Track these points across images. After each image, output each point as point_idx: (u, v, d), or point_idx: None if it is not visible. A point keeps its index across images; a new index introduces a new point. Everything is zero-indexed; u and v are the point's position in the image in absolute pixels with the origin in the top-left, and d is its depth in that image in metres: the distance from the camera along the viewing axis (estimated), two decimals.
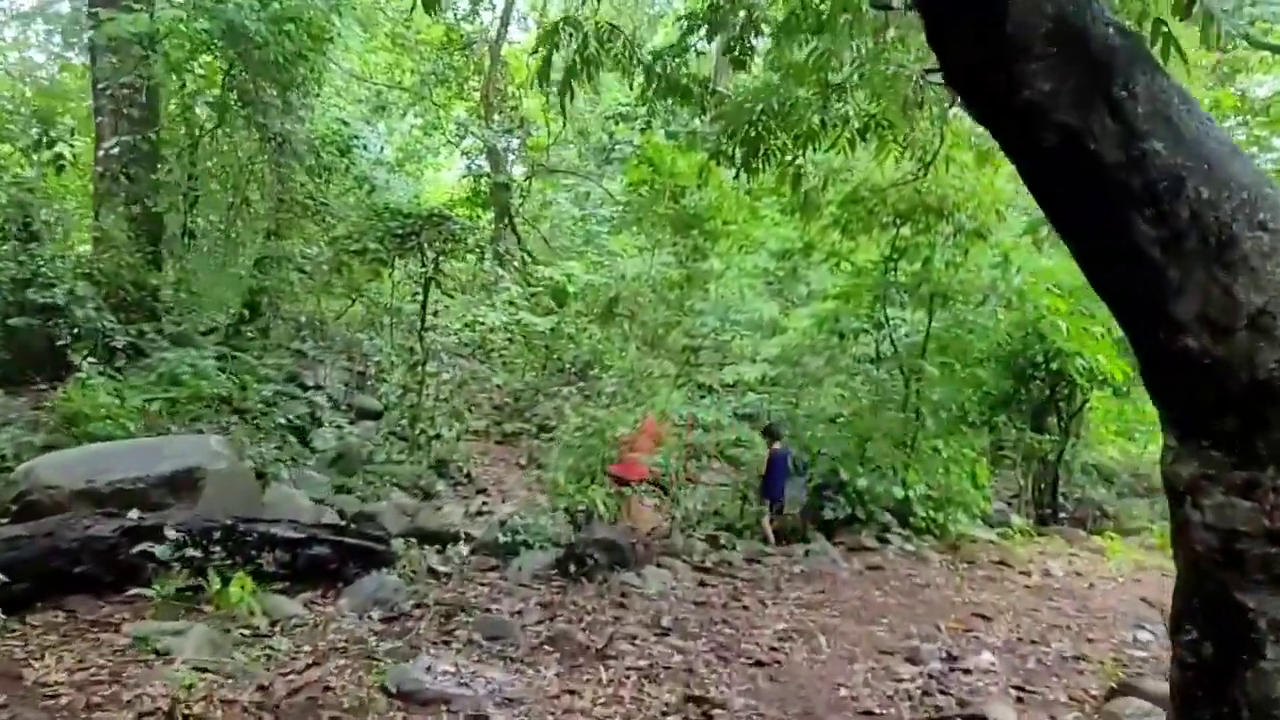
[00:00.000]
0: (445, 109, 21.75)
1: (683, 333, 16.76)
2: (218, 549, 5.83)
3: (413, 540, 6.97)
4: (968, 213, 11.33)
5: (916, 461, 11.13)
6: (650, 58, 9.20)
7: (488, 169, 21.19)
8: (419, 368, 10.78)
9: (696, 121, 14.62)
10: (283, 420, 11.78)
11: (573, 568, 6.60)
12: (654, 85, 8.96)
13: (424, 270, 10.68)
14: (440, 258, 10.74)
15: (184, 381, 7.99)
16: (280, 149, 13.51)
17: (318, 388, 14.40)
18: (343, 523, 7.05)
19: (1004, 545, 10.55)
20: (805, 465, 10.91)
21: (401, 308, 11.69)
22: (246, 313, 13.10)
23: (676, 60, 9.10)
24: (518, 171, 22.19)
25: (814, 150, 6.27)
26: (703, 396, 19.25)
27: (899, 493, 10.33)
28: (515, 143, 21.42)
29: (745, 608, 6.62)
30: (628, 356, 15.93)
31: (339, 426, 12.75)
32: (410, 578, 6.27)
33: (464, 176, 20.90)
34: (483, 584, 6.58)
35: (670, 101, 9.21)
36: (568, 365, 18.34)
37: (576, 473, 7.50)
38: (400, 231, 10.44)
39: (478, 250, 11.98)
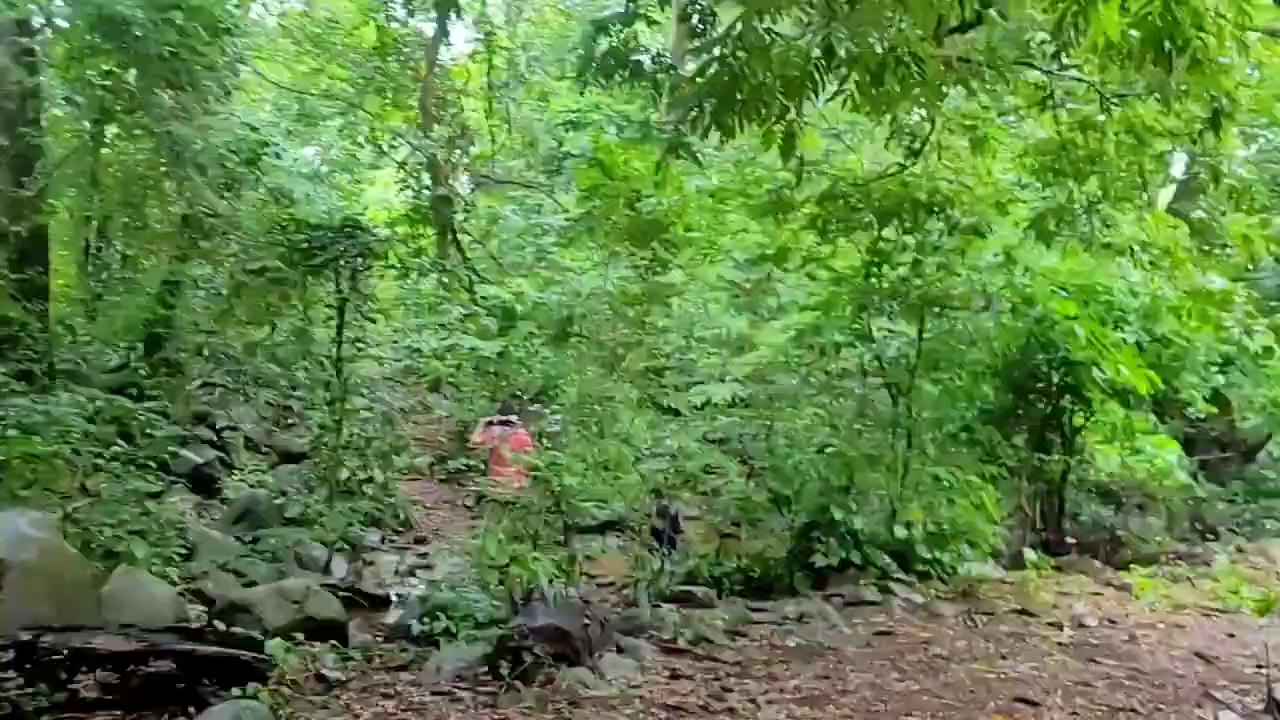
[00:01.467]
0: (380, 118, 20.19)
1: (644, 353, 15.29)
2: (10, 675, 4.24)
3: (298, 637, 5.38)
4: (963, 208, 9.98)
5: (914, 492, 9.70)
6: (591, 28, 7.76)
7: (428, 182, 19.64)
8: (337, 403, 9.16)
9: (651, 112, 13.27)
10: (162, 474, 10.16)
11: (507, 667, 5.05)
12: (594, 63, 7.53)
13: (338, 292, 9.07)
14: (356, 276, 9.14)
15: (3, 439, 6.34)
16: (178, 159, 11.89)
17: (231, 428, 12.74)
18: (201, 623, 5.44)
19: (1020, 586, 9.13)
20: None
21: (313, 334, 10.05)
22: (141, 346, 11.44)
23: (623, 31, 7.67)
24: (464, 185, 20.66)
25: (811, 97, 4.80)
26: (668, 420, 17.87)
27: (900, 532, 8.88)
28: (459, 155, 19.88)
29: (731, 710, 5.10)
30: (583, 381, 14.42)
31: (253, 472, 11.12)
32: (287, 695, 4.69)
33: (401, 190, 19.32)
34: (386, 694, 5.00)
35: (617, 81, 7.77)
36: (520, 392, 16.80)
37: (513, 535, 5.97)
38: (305, 247, 8.84)
39: (403, 268, 10.41)
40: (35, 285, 11.26)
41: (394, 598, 9.05)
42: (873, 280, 10.66)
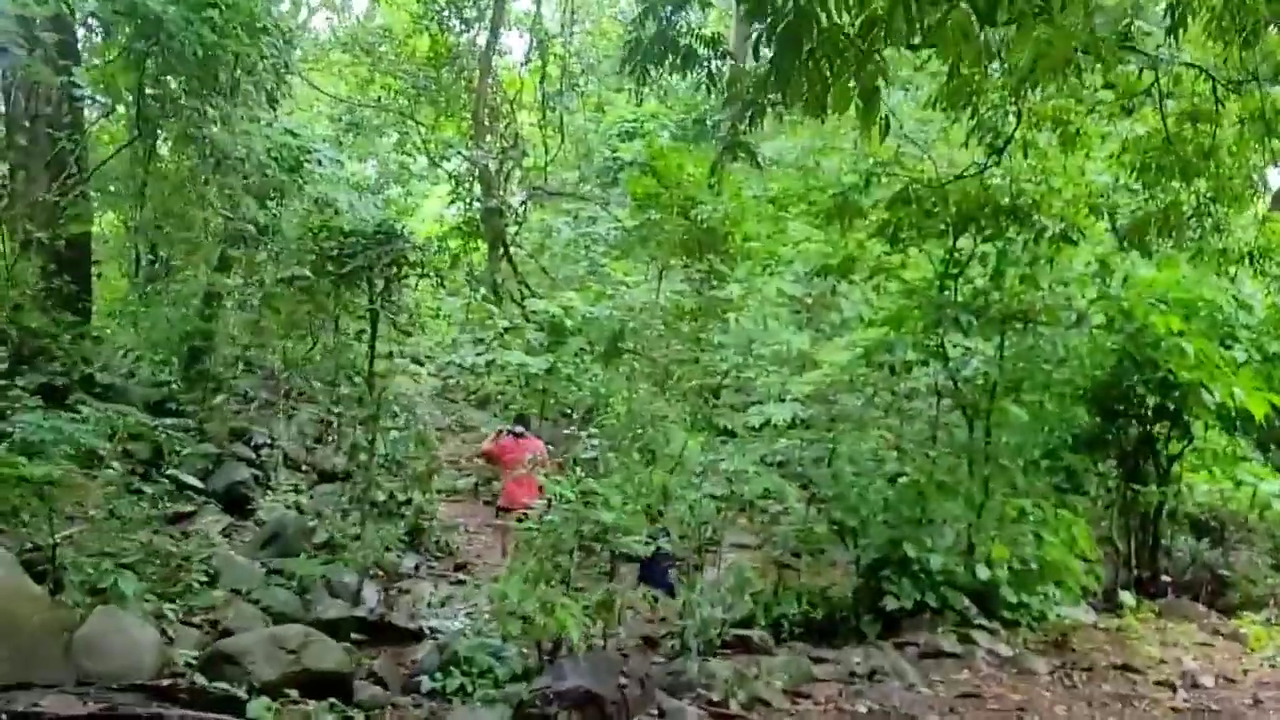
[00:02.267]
0: (433, 129, 19.74)
1: (699, 370, 14.50)
2: None
3: (291, 693, 4.67)
4: (1050, 212, 9.07)
5: (995, 525, 8.77)
6: (639, 9, 7.04)
7: (479, 194, 19.13)
8: (370, 421, 8.53)
9: (705, 109, 12.54)
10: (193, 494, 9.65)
11: None
12: (641, 49, 6.80)
13: (371, 303, 8.44)
14: (390, 286, 8.51)
15: None
16: (217, 166, 11.45)
17: (270, 445, 12.21)
18: (174, 678, 4.74)
19: (1118, 635, 8.14)
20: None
21: (348, 348, 9.44)
22: (178, 360, 10.97)
23: (675, 12, 6.95)
24: (517, 197, 20.11)
25: (896, 46, 3.94)
26: (724, 441, 17.04)
27: (982, 572, 7.96)
28: (511, 165, 19.34)
29: None
30: (633, 399, 13.68)
31: (289, 492, 10.54)
32: None
33: (451, 202, 18.81)
34: None
35: (667, 71, 7.04)
36: (570, 410, 16.12)
37: (538, 576, 5.20)
38: (335, 254, 8.24)
39: (438, 277, 9.76)
40: (66, 295, 10.84)
41: (426, 631, 8.42)
42: (947, 293, 9.78)
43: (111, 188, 12.14)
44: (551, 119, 19.39)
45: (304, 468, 12.45)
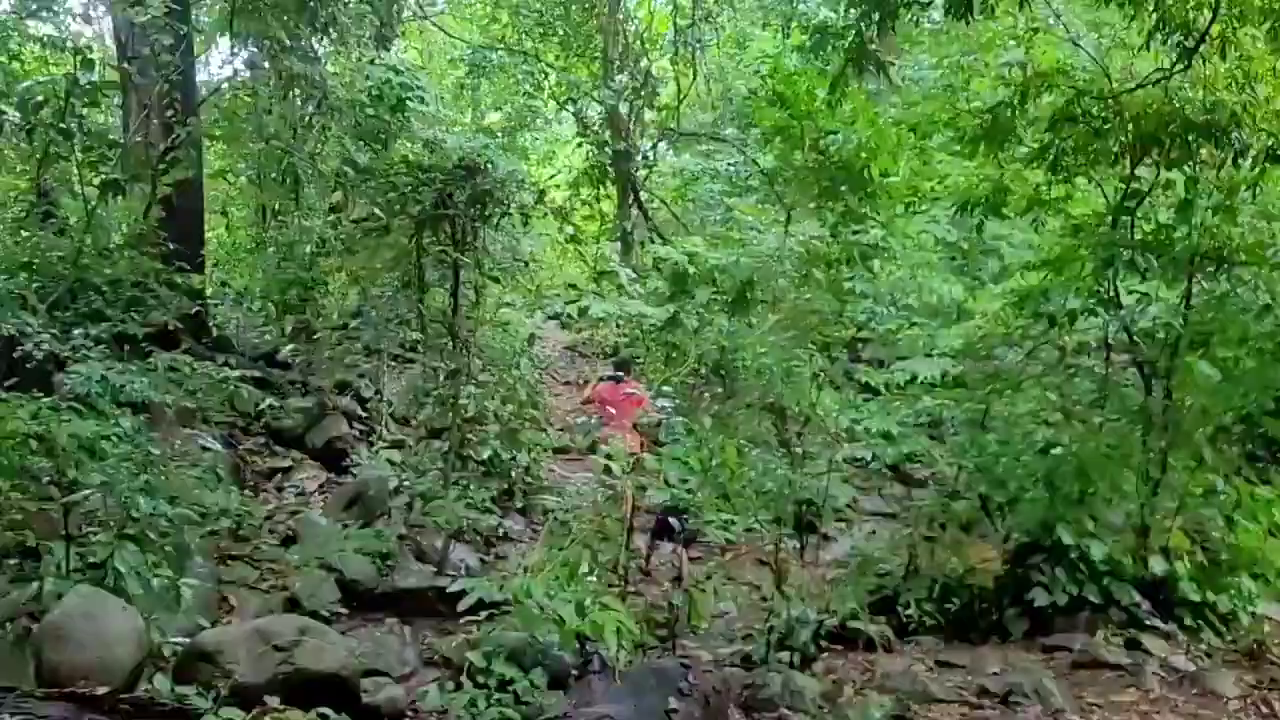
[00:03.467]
0: (563, 69, 18.86)
1: (837, 321, 13.24)
2: None
3: (272, 701, 3.93)
4: (1254, 128, 7.41)
5: (1176, 507, 7.33)
6: None
7: (608, 137, 18.23)
8: (455, 376, 7.82)
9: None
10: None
11: None
12: None
13: (454, 245, 7.68)
14: (476, 228, 7.72)
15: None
16: (319, 107, 10.96)
17: (378, 396, 11.78)
18: (148, 679, 4.03)
19: None
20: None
21: (431, 296, 8.71)
22: (281, 310, 10.60)
23: None
24: (648, 140, 19.11)
25: None
26: (867, 399, 15.73)
27: (1158, 567, 6.59)
28: (642, 106, 18.32)
29: None
30: (761, 353, 12.55)
31: (389, 448, 10.02)
32: None
33: (579, 145, 17.96)
34: None
35: None
36: (697, 365, 15.13)
37: (573, 571, 4.27)
38: (408, 190, 7.48)
39: (541, 214, 8.89)
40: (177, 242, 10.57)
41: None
42: (1122, 229, 8.25)
43: (218, 132, 11.82)
44: (684, 55, 18.20)
45: (413, 423, 12.00)
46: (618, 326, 15.48)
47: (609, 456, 10.22)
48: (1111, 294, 8.28)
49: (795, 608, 5.67)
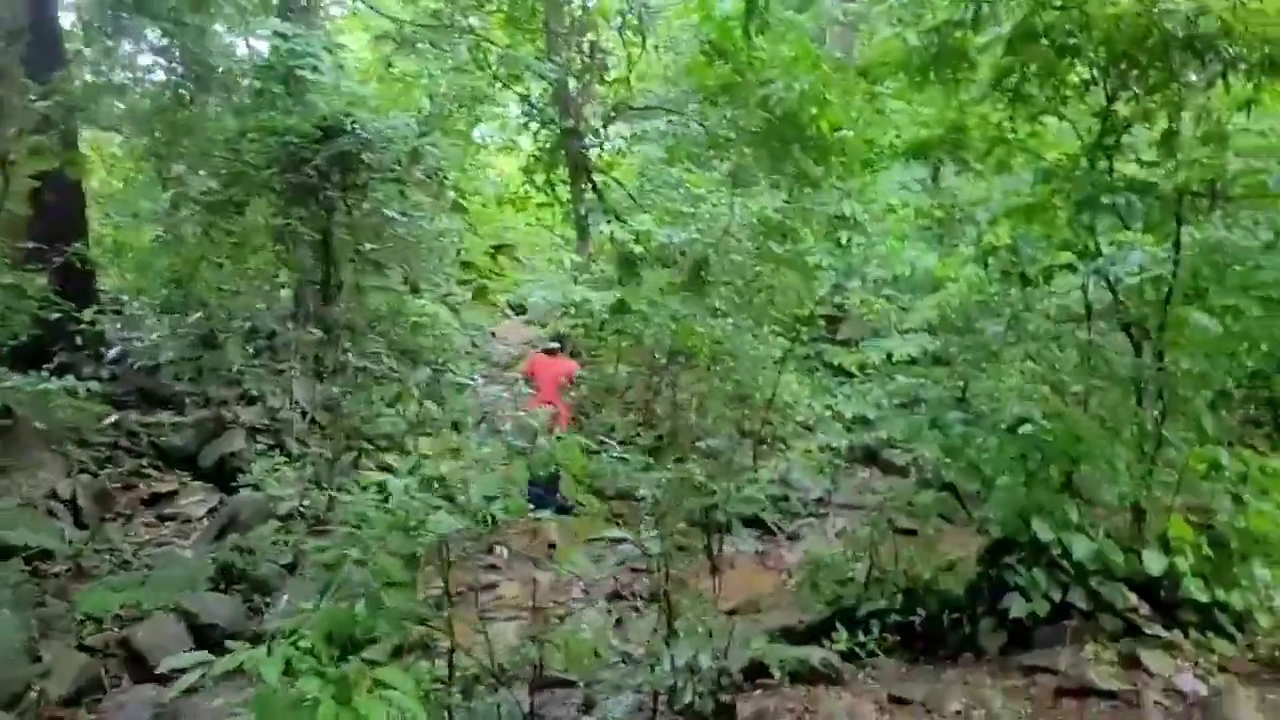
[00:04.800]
0: (512, 45, 17.63)
1: (800, 299, 12.12)
2: None
3: None
4: (1247, 39, 6.29)
5: (1171, 485, 6.24)
6: None
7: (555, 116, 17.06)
8: (333, 376, 6.71)
9: None
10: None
11: None
12: None
13: (324, 218, 6.55)
14: (347, 200, 6.58)
15: None
16: (198, 81, 9.83)
17: (293, 407, 10.63)
18: None
19: None
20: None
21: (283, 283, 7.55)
22: (158, 312, 9.44)
23: None
24: (599, 116, 17.91)
25: None
26: (841, 383, 14.64)
27: (1155, 563, 5.48)
28: (589, 81, 17.17)
29: None
30: (717, 336, 11.44)
31: (277, 466, 8.90)
32: None
33: (523, 126, 16.79)
34: None
35: None
36: (654, 354, 14.00)
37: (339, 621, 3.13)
38: (267, 158, 6.35)
39: (436, 182, 7.75)
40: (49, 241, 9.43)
41: None
42: (1100, 172, 7.15)
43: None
44: (633, 24, 17.02)
45: (327, 432, 10.89)
46: (571, 315, 14.38)
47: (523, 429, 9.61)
48: (1089, 244, 7.18)
49: (694, 647, 4.52)
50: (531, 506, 6.88)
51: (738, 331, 11.85)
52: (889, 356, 13.38)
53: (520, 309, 21.11)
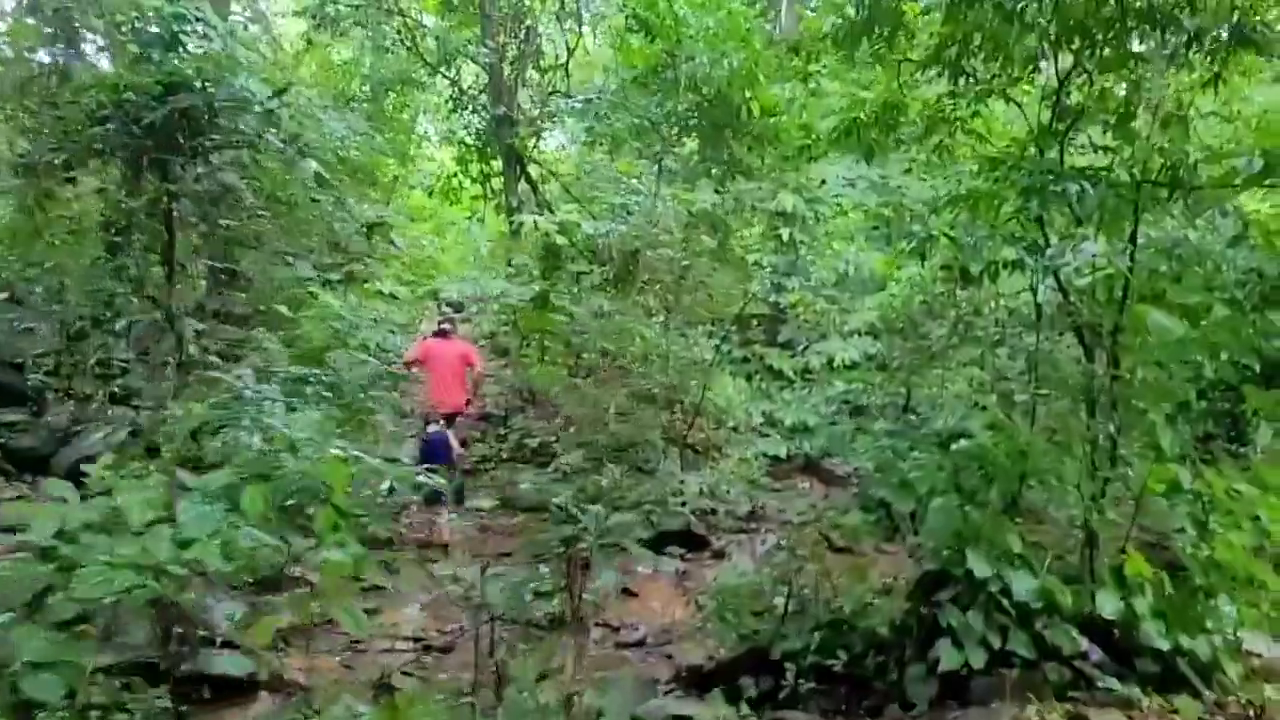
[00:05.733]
0: (451, 28, 16.68)
1: (723, 298, 11.33)
2: None
3: None
4: (1215, 9, 5.59)
5: (1123, 509, 5.51)
6: None
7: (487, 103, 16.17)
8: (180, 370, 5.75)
9: None
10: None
11: None
12: None
13: (165, 187, 5.59)
14: (199, 165, 5.63)
15: None
16: (69, 43, 8.83)
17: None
18: None
19: None
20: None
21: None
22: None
23: None
24: (533, 104, 17.05)
25: None
26: (781, 388, 13.89)
27: (1109, 606, 4.72)
28: (521, 69, 16.30)
29: None
30: (643, 336, 10.62)
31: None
32: None
33: (450, 113, 15.87)
34: None
35: None
36: (580, 356, 13.13)
37: None
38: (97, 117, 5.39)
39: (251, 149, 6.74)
40: None
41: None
42: (1048, 154, 6.43)
43: None
44: (570, 10, 16.20)
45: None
46: (494, 311, 13.49)
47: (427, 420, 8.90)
48: (1036, 238, 6.46)
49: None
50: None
51: (668, 331, 11.07)
52: (830, 361, 12.69)
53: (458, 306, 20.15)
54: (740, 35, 8.22)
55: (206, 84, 5.61)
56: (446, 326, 9.80)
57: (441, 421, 9.01)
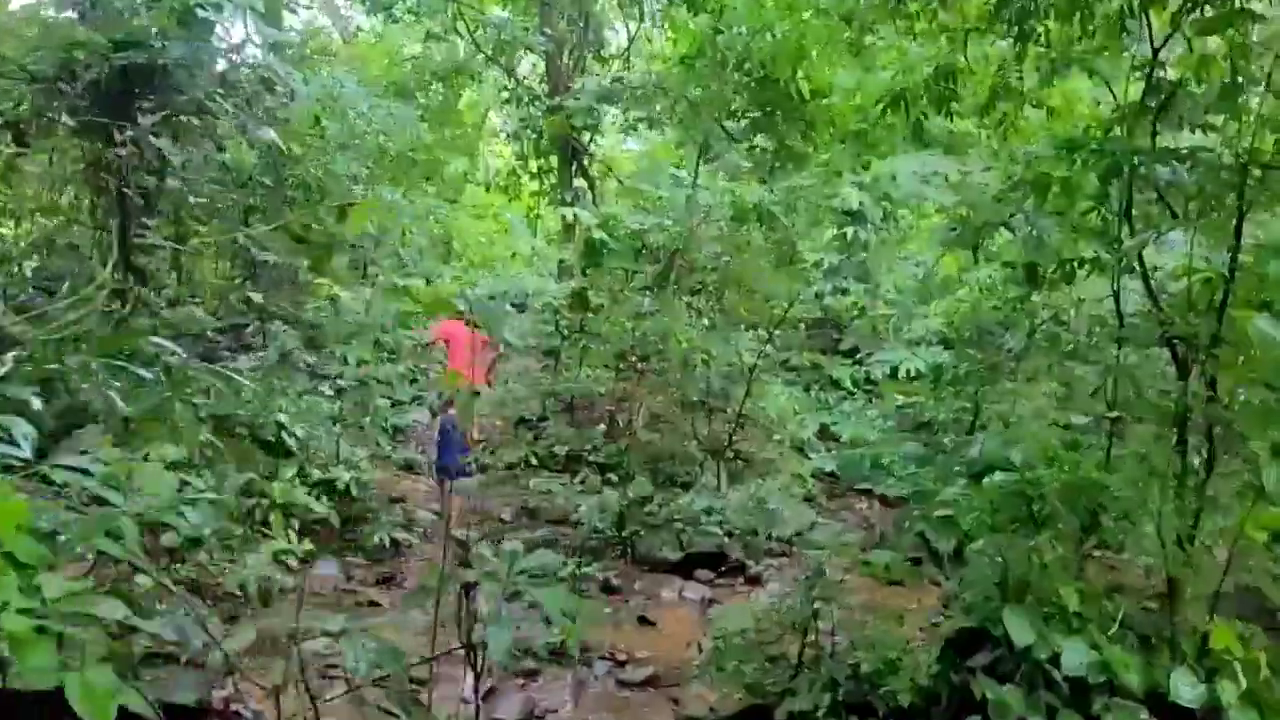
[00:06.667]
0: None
1: (776, 300, 10.40)
2: None
3: None
4: None
5: (1214, 566, 4.49)
6: None
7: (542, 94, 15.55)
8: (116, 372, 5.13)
9: None
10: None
11: None
12: None
13: (114, 154, 5.00)
14: (156, 130, 5.03)
15: None
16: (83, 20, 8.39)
17: None
18: None
19: None
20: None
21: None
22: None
23: None
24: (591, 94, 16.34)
25: None
26: (842, 399, 12.94)
27: (1189, 692, 3.74)
28: (578, 56, 15.63)
29: None
30: (685, 339, 9.76)
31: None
32: None
33: (504, 103, 15.26)
34: None
35: None
36: (629, 356, 12.34)
37: None
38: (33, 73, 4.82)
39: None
40: None
41: None
42: (1136, 134, 5.43)
43: None
44: None
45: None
46: (536, 310, 12.81)
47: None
48: (1118, 234, 5.45)
49: None
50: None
51: (713, 333, 10.23)
52: (893, 371, 11.69)
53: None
54: (787, 5, 7.35)
55: (163, 40, 5.03)
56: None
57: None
